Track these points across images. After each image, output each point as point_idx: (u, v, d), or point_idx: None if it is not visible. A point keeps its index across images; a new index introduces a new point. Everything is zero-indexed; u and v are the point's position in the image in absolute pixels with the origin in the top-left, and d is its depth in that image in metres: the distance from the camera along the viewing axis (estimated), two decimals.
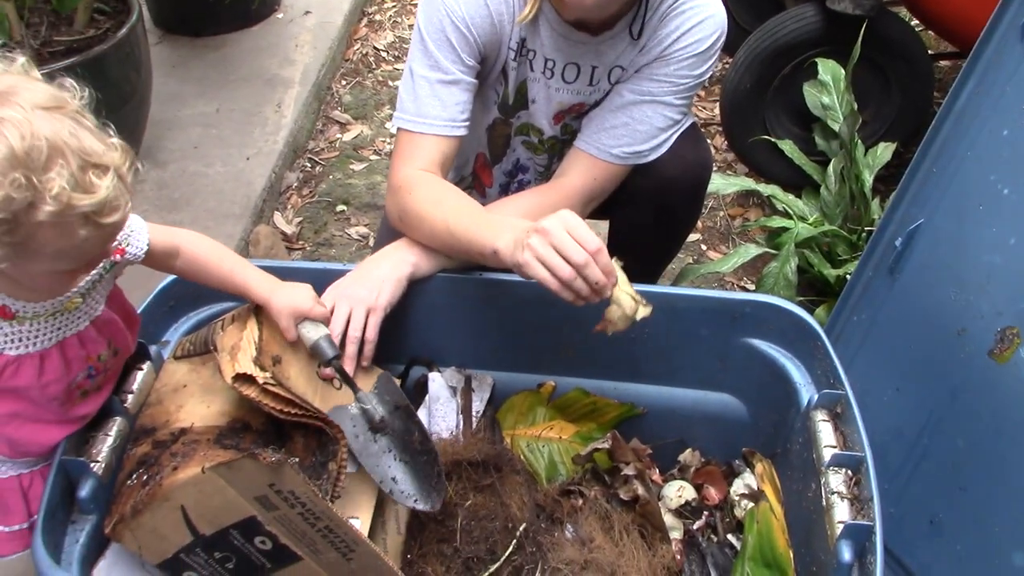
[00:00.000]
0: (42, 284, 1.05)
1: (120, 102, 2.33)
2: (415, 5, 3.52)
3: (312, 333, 1.31)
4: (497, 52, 1.55)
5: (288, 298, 1.29)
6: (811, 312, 1.94)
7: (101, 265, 1.14)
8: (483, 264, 1.44)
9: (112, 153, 0.95)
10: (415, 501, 1.30)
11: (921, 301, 1.62)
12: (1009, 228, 1.46)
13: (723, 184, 2.01)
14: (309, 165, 2.72)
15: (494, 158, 1.78)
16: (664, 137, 1.61)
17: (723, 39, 1.56)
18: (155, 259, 1.24)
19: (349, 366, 1.38)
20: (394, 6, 3.52)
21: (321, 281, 1.47)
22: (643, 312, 1.28)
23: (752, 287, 2.23)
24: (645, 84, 1.57)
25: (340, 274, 1.47)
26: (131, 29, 2.28)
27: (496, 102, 1.66)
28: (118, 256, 1.17)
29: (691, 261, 2.33)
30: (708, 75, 1.59)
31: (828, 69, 2.09)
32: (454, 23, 1.47)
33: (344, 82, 3.08)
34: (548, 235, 1.24)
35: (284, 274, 1.50)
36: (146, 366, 1.35)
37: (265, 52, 3.00)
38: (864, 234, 1.96)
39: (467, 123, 1.53)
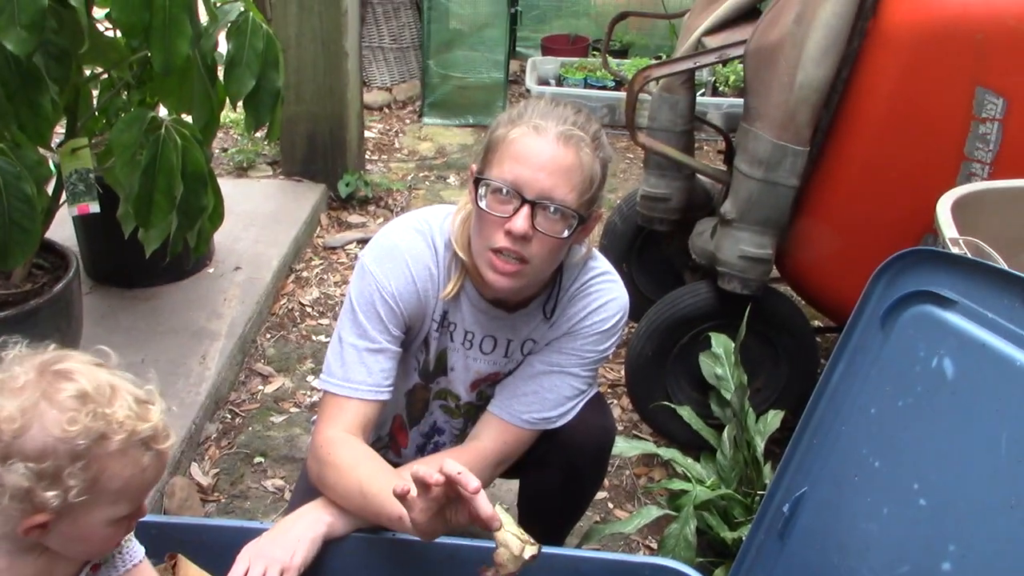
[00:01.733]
0: (89, 541, 1.13)
1: None
2: (341, 263, 3.72)
3: None
4: (421, 323, 1.69)
5: None
6: (710, 573, 2.03)
7: None
8: (392, 529, 1.51)
9: (151, 392, 1.15)
10: None
11: (809, 565, 1.72)
12: (882, 498, 1.60)
13: (626, 447, 2.14)
14: (229, 416, 2.78)
15: (412, 420, 1.89)
16: (571, 405, 1.74)
17: (625, 319, 1.73)
18: None
19: None
20: (321, 264, 3.71)
21: (238, 539, 1.51)
22: (530, 551, 1.31)
23: (656, 544, 2.31)
24: (554, 356, 1.72)
25: (257, 532, 1.53)
26: (67, 285, 2.38)
27: (417, 369, 1.78)
28: None
29: (598, 519, 2.41)
30: (611, 350, 1.75)
31: (720, 343, 2.29)
32: (383, 297, 1.61)
33: (269, 335, 3.20)
34: None
35: (201, 532, 1.55)
36: None
37: (194, 305, 3.12)
38: (758, 497, 2.08)
39: (391, 388, 1.65)
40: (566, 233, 1.51)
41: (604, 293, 1.71)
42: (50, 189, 2.34)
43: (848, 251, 2.36)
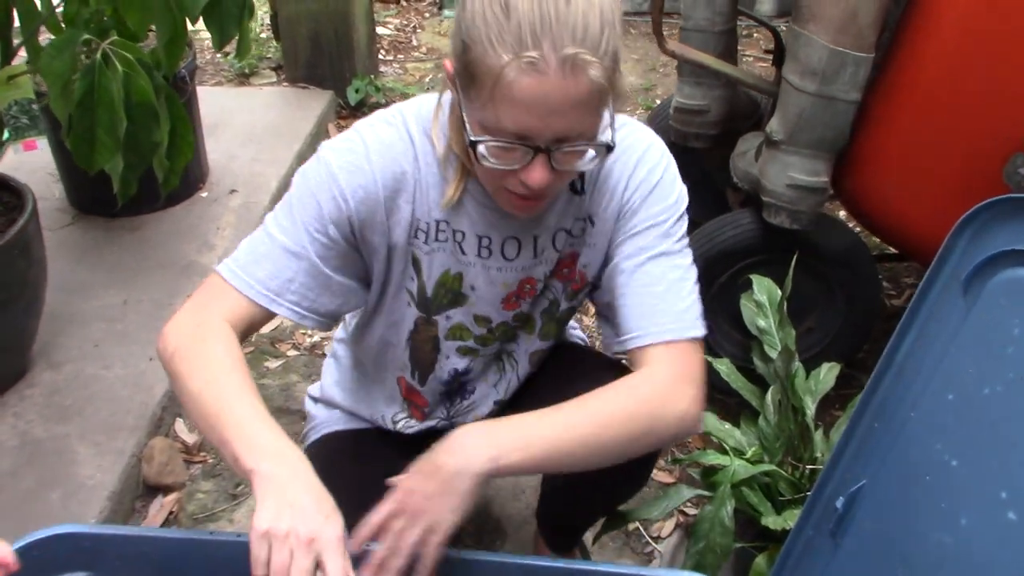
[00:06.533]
0: None
1: (9, 301, 2.16)
2: None
3: None
4: (388, 235, 1.36)
5: None
6: (751, 559, 1.77)
7: None
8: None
9: None
10: None
11: (867, 575, 1.45)
12: (959, 505, 1.30)
13: None
14: None
15: (423, 371, 1.56)
16: (686, 290, 1.42)
17: (669, 157, 1.41)
18: None
19: None
20: None
21: (192, 552, 1.29)
22: None
23: (689, 512, 2.05)
24: (628, 248, 1.39)
25: (218, 544, 1.27)
26: (22, 228, 2.12)
27: (412, 302, 1.45)
28: None
29: None
30: (683, 200, 1.42)
31: (764, 288, 1.96)
32: (332, 192, 1.29)
33: None
34: (286, 539, 1.05)
35: (143, 545, 1.32)
36: None
37: (184, 235, 2.85)
38: (807, 471, 1.79)
39: (293, 306, 1.32)
40: (591, 157, 1.21)
41: (633, 148, 1.38)
42: None
43: (919, 174, 2.00)
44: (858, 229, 2.54)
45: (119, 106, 1.74)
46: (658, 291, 1.39)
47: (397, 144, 1.32)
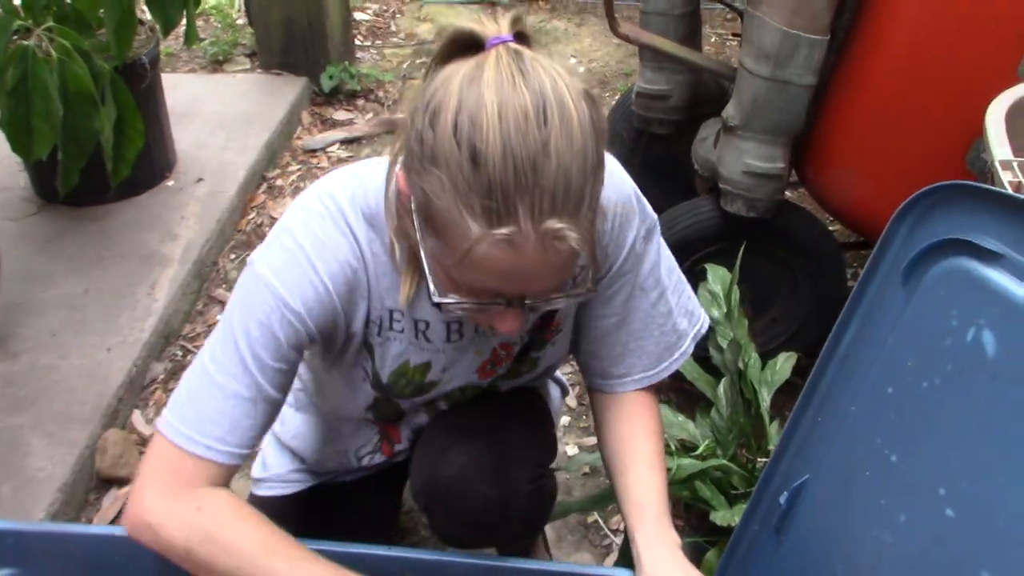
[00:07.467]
0: None
1: None
2: (321, 168, 3.36)
3: None
4: (346, 333, 1.26)
5: None
6: (702, 554, 1.74)
7: None
8: None
9: None
10: None
11: (809, 571, 1.41)
12: (899, 503, 1.26)
13: (590, 458, 1.82)
14: (180, 354, 2.50)
15: (388, 422, 1.51)
16: (665, 322, 1.41)
17: (631, 186, 1.30)
18: None
19: None
20: (298, 169, 3.34)
21: (114, 550, 1.29)
22: None
23: None
24: (615, 302, 1.33)
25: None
26: None
27: (367, 379, 1.35)
28: None
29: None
30: (652, 215, 1.35)
31: (718, 278, 1.91)
32: (284, 316, 1.14)
33: (232, 256, 2.88)
34: None
35: (68, 542, 1.32)
36: None
37: (147, 225, 2.80)
38: (760, 464, 1.76)
39: (255, 441, 1.20)
40: (575, 303, 1.17)
41: (614, 213, 1.27)
42: None
43: (881, 159, 1.95)
44: (831, 219, 2.49)
45: (54, 94, 1.70)
46: (639, 334, 1.38)
47: (340, 243, 1.16)
